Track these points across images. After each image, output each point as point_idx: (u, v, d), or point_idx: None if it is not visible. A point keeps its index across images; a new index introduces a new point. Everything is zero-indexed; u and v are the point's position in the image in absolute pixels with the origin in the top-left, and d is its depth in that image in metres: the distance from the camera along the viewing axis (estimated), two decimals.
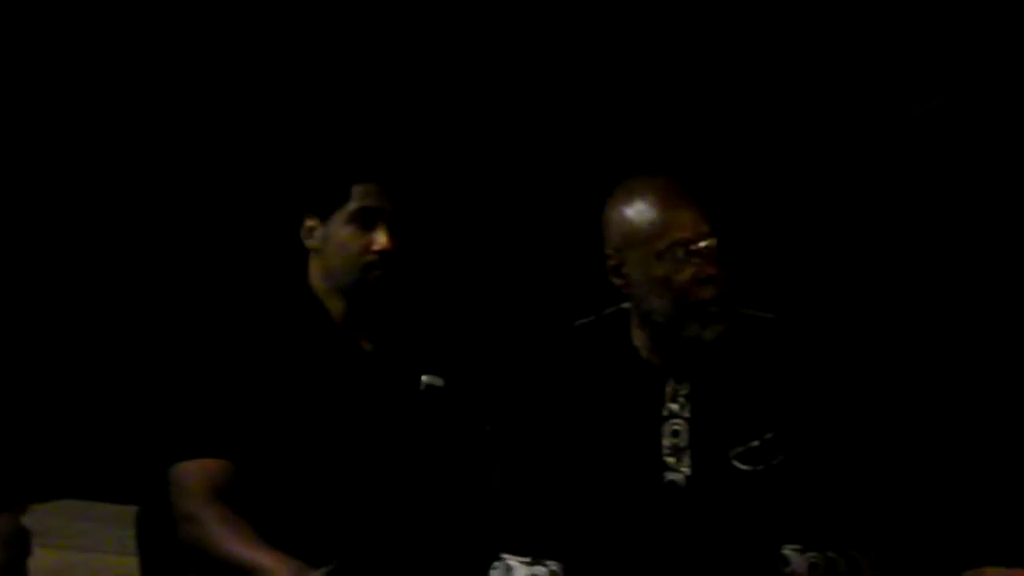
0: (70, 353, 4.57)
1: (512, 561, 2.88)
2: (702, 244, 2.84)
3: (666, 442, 2.87)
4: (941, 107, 3.89)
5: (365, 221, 3.08)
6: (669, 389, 2.89)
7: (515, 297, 4.24)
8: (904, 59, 3.99)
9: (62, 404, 4.46)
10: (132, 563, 3.22)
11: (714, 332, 2.85)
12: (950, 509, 3.42)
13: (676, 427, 2.88)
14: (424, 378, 3.17)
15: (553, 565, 2.86)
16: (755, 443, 2.86)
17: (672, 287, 2.85)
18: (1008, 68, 3.86)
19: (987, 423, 3.58)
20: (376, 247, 3.07)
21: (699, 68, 4.18)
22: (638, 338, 2.93)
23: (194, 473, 3.05)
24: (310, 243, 3.15)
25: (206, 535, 3.00)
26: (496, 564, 2.89)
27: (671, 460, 2.86)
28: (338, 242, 3.10)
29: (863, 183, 4.03)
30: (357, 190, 3.08)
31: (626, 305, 2.94)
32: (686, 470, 2.86)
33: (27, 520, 2.86)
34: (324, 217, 3.12)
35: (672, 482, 2.86)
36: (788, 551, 2.84)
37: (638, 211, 2.87)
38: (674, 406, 2.89)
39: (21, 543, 2.83)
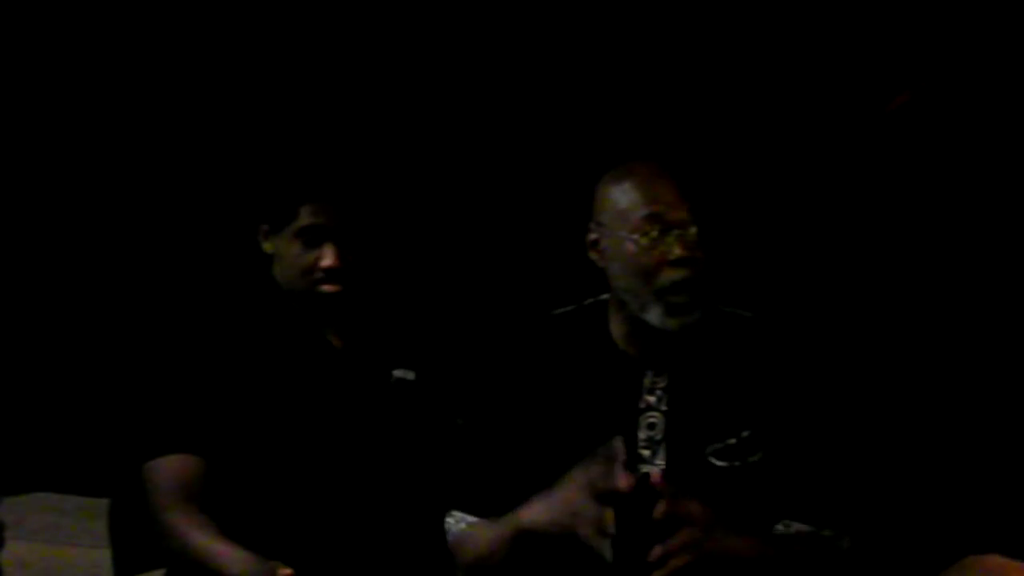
0: (42, 347, 4.56)
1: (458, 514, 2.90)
2: (677, 223, 2.83)
3: (642, 435, 2.87)
4: (913, 102, 3.91)
5: (312, 239, 3.09)
6: (647, 381, 2.89)
7: (486, 291, 4.24)
8: (875, 54, 4.00)
9: (34, 398, 4.45)
10: (104, 556, 3.22)
11: (679, 323, 2.84)
12: (935, 504, 3.43)
13: (652, 420, 2.88)
14: (395, 372, 3.18)
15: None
16: (732, 440, 2.87)
17: (639, 263, 2.85)
18: (979, 61, 3.88)
19: (970, 415, 3.59)
20: (323, 264, 3.09)
21: (673, 67, 4.19)
22: (616, 328, 2.92)
23: (165, 470, 3.05)
24: (266, 247, 3.17)
25: (173, 531, 3.01)
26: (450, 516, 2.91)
27: (646, 453, 2.87)
28: (289, 256, 3.12)
29: (839, 180, 4.04)
30: (304, 209, 3.09)
31: (606, 296, 2.95)
32: (661, 463, 2.86)
33: (0, 513, 2.86)
34: (275, 229, 3.14)
35: (647, 475, 2.86)
36: (781, 527, 2.85)
37: (623, 188, 2.87)
38: (651, 399, 2.88)
39: None
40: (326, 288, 3.10)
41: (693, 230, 2.84)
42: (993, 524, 3.08)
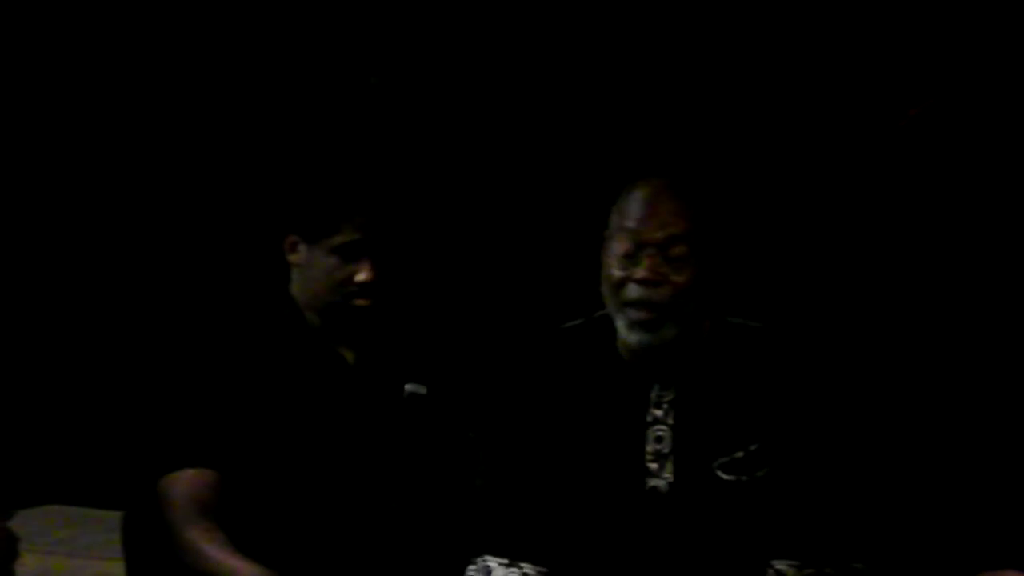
0: (55, 359, 4.57)
1: (491, 562, 2.90)
2: (653, 242, 2.84)
3: (649, 448, 2.87)
4: (931, 112, 3.91)
5: (350, 253, 3.09)
6: (654, 395, 2.89)
7: (497, 305, 4.25)
8: (894, 63, 4.00)
9: (48, 410, 4.46)
10: (119, 568, 3.22)
11: (639, 339, 2.85)
12: (948, 519, 3.43)
13: (660, 433, 2.87)
14: (407, 387, 3.18)
15: (529, 568, 2.88)
16: (739, 454, 2.87)
17: (611, 277, 2.88)
18: (998, 72, 3.88)
19: (980, 432, 3.58)
20: (359, 279, 3.09)
21: (689, 74, 4.19)
22: (621, 341, 2.94)
23: (181, 485, 3.05)
24: (292, 258, 3.16)
25: (189, 547, 3.01)
26: (474, 563, 2.91)
27: (653, 466, 2.86)
28: (322, 269, 3.11)
29: (853, 190, 4.04)
30: (345, 224, 3.09)
31: None
32: (668, 476, 2.86)
33: (14, 525, 2.87)
34: (309, 241, 3.14)
35: (654, 488, 2.85)
36: (783, 566, 2.84)
37: (622, 201, 2.90)
38: (658, 412, 2.88)
39: (9, 547, 2.84)
40: (359, 302, 3.10)
41: (678, 250, 2.84)
42: (1008, 540, 3.07)
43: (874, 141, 4.00)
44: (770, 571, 2.84)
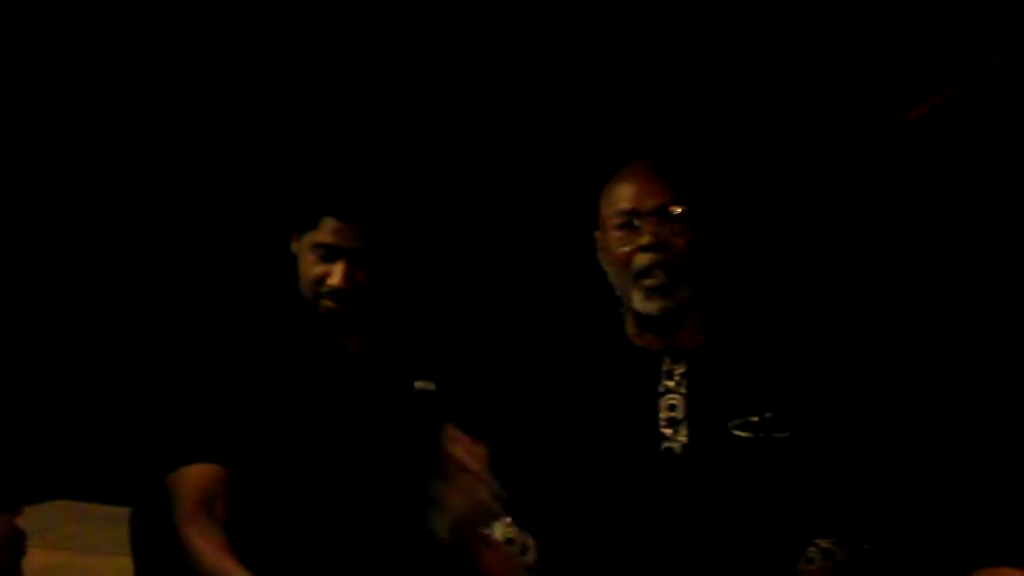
0: (63, 354, 4.58)
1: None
2: (649, 210, 2.94)
3: (663, 415, 2.90)
4: (933, 112, 3.91)
5: (326, 255, 3.11)
6: (665, 368, 2.93)
7: (504, 304, 4.25)
8: (895, 63, 4.00)
9: (56, 405, 4.46)
10: (126, 564, 3.23)
11: (658, 306, 2.94)
12: (957, 506, 3.44)
13: (672, 402, 2.92)
14: (416, 384, 3.19)
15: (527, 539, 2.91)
16: (754, 418, 2.89)
17: (618, 254, 2.97)
18: (1001, 72, 3.88)
19: (996, 420, 3.59)
20: (328, 282, 3.11)
21: (691, 71, 4.19)
22: (630, 328, 3.01)
23: (188, 481, 3.06)
24: (293, 247, 3.20)
25: (190, 547, 3.02)
26: None
27: (668, 431, 2.89)
28: (304, 262, 3.15)
29: (858, 184, 4.05)
30: (324, 223, 3.11)
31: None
32: (683, 439, 2.89)
33: (22, 520, 2.88)
34: (300, 232, 3.17)
35: (669, 449, 2.88)
36: (827, 544, 2.86)
37: (610, 188, 3.02)
38: (670, 383, 2.93)
39: (16, 543, 2.84)
40: (327, 304, 3.12)
41: (673, 216, 2.94)
42: (1003, 536, 3.08)
43: (876, 137, 4.01)
44: (814, 549, 2.85)
